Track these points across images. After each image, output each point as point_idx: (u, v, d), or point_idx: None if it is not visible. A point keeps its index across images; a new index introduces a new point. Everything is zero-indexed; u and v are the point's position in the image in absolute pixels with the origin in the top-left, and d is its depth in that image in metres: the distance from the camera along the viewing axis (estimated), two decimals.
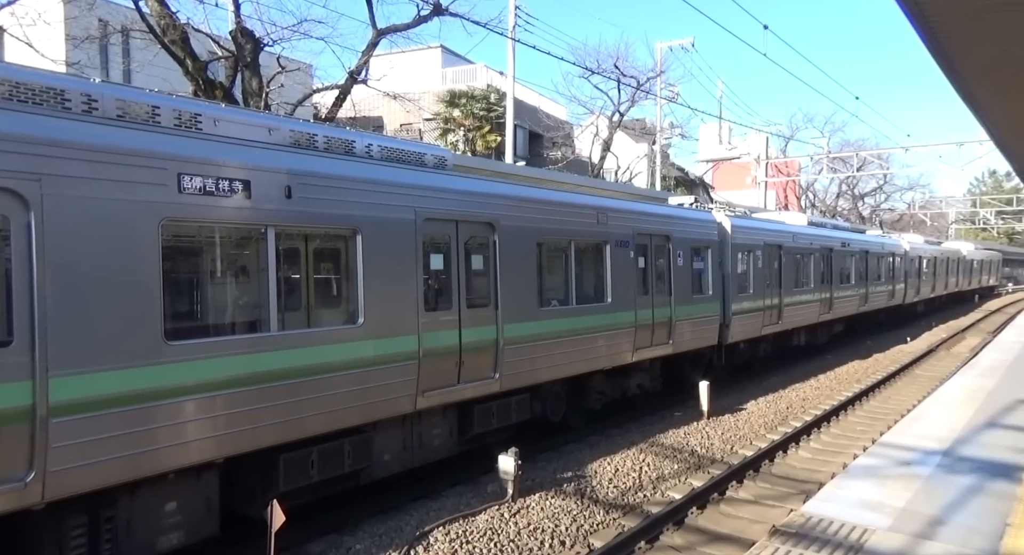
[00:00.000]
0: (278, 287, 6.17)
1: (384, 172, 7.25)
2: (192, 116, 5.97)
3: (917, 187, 62.87)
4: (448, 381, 7.75)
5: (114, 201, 5.01)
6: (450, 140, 28.67)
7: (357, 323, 6.76)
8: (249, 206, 5.87)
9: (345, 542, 6.61)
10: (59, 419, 4.63)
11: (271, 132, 6.58)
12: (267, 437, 5.98)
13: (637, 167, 35.62)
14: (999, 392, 11.45)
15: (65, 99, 5.21)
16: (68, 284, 4.73)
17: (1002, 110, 9.42)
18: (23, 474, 4.47)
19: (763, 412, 12.43)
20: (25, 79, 5.05)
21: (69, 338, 4.71)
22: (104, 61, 20.26)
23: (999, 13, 5.67)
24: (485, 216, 8.30)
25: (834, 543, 5.33)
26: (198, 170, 5.50)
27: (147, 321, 5.14)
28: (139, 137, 5.33)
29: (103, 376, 4.89)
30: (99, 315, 4.89)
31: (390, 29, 16.41)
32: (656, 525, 7.16)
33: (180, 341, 5.38)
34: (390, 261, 7.07)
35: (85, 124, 5.10)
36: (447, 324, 7.75)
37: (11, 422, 4.42)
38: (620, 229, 10.61)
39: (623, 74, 29.63)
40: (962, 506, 6.18)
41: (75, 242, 4.78)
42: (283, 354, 6.07)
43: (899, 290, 26.76)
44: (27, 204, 4.55)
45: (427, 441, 7.89)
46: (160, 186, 5.28)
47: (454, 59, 33.81)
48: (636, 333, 10.86)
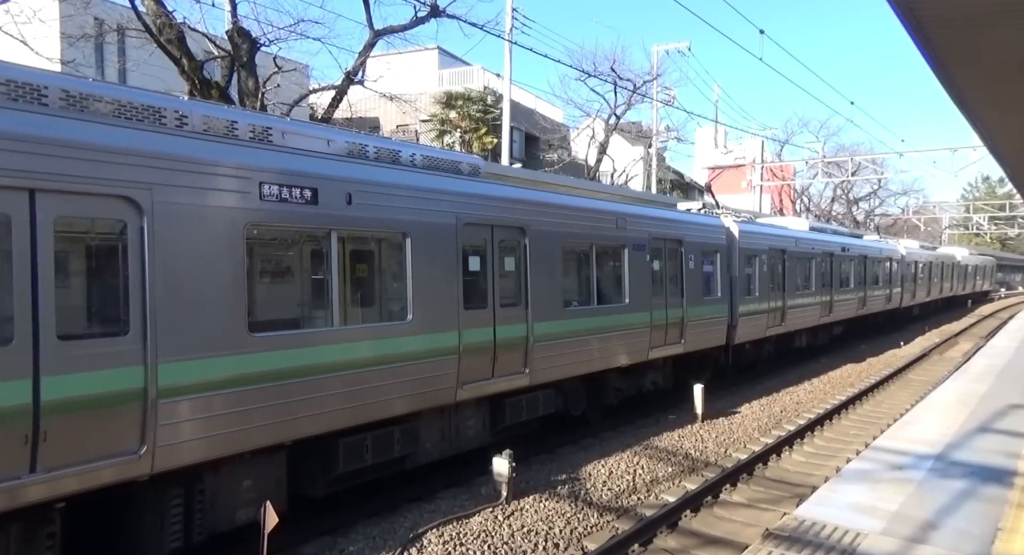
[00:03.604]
0: (340, 286, 6.75)
1: (429, 180, 7.85)
2: (264, 129, 6.57)
3: (911, 192, 63.16)
4: (484, 375, 8.28)
5: (208, 207, 5.67)
6: (446, 142, 28.66)
7: (406, 320, 7.35)
8: (316, 212, 6.49)
9: (339, 544, 6.60)
10: (165, 400, 5.28)
11: (329, 143, 7.16)
12: (329, 422, 6.54)
13: (633, 170, 35.68)
14: (991, 396, 11.51)
15: (161, 116, 5.79)
16: (172, 281, 5.36)
17: (995, 116, 9.48)
18: (137, 447, 5.15)
19: (757, 415, 12.46)
20: (129, 98, 5.65)
21: (173, 329, 5.35)
22: (99, 60, 20.17)
23: (994, 20, 5.71)
24: (517, 221, 8.86)
25: (827, 547, 5.35)
26: (275, 180, 6.16)
27: (235, 315, 5.79)
28: (228, 150, 6.00)
29: (200, 363, 5.53)
30: (196, 309, 5.52)
31: (387, 30, 16.40)
32: (650, 528, 7.16)
33: (261, 333, 6.02)
34: (435, 263, 7.66)
35: (184, 139, 5.76)
36: (483, 322, 8.29)
37: (128, 402, 5.09)
38: (637, 234, 11.16)
39: (619, 77, 29.70)
40: (954, 510, 6.21)
41: (177, 244, 5.42)
42: (344, 347, 6.67)
43: (896, 294, 27.21)
44: (141, 210, 5.21)
45: (463, 431, 8.47)
46: (245, 194, 5.92)
47: (451, 61, 33.81)
48: (651, 333, 11.36)
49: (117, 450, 5.03)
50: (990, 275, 55.47)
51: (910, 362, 19.21)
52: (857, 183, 52.11)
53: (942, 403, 11.07)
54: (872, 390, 15.23)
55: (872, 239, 28.49)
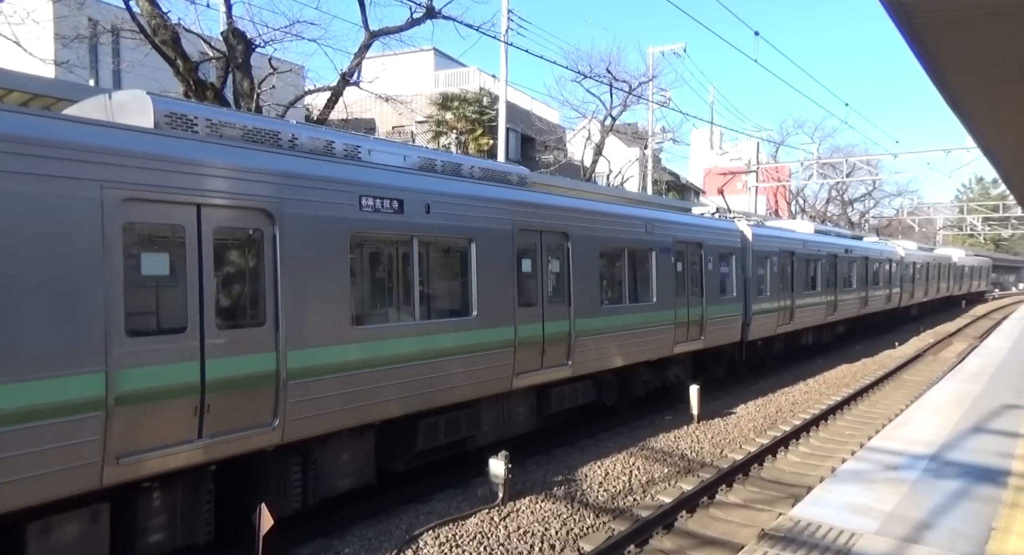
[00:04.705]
0: (420, 285, 7.65)
1: (490, 190, 8.73)
2: (354, 147, 7.42)
3: (906, 193, 63.35)
4: (534, 366, 9.13)
5: (322, 217, 6.56)
6: (442, 143, 28.64)
7: (471, 315, 8.18)
8: (402, 220, 7.37)
9: (334, 546, 6.59)
10: (293, 381, 6.15)
11: (405, 158, 8.00)
12: (410, 405, 7.43)
13: (629, 171, 35.71)
14: (985, 397, 11.56)
15: (278, 138, 6.70)
16: (295, 281, 6.25)
17: (989, 118, 9.52)
18: (271, 421, 6.05)
19: (753, 416, 12.49)
20: (254, 124, 6.62)
21: (297, 321, 6.24)
22: (94, 61, 20.10)
23: (987, 22, 5.74)
24: (561, 227, 9.71)
25: (822, 547, 5.36)
26: (371, 192, 7.04)
27: (342, 310, 6.70)
28: (336, 168, 6.91)
29: (317, 351, 6.41)
30: (313, 304, 6.41)
31: (383, 31, 16.39)
32: (646, 529, 7.18)
33: (360, 326, 6.93)
34: (495, 264, 8.53)
35: (303, 159, 6.65)
36: (534, 318, 9.14)
37: (266, 382, 6.00)
38: (663, 238, 12.03)
39: (615, 78, 29.75)
40: (948, 510, 6.24)
41: (299, 249, 6.32)
42: (423, 339, 7.55)
43: (895, 294, 27.85)
44: (273, 220, 6.13)
45: (514, 417, 9.34)
46: (349, 205, 6.81)
47: (447, 62, 33.79)
48: (675, 329, 12.26)
49: (258, 422, 5.96)
50: (986, 276, 55.90)
51: (905, 362, 19.28)
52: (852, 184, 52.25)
53: (936, 403, 11.12)
54: (867, 391, 15.28)
55: (872, 241, 29.04)
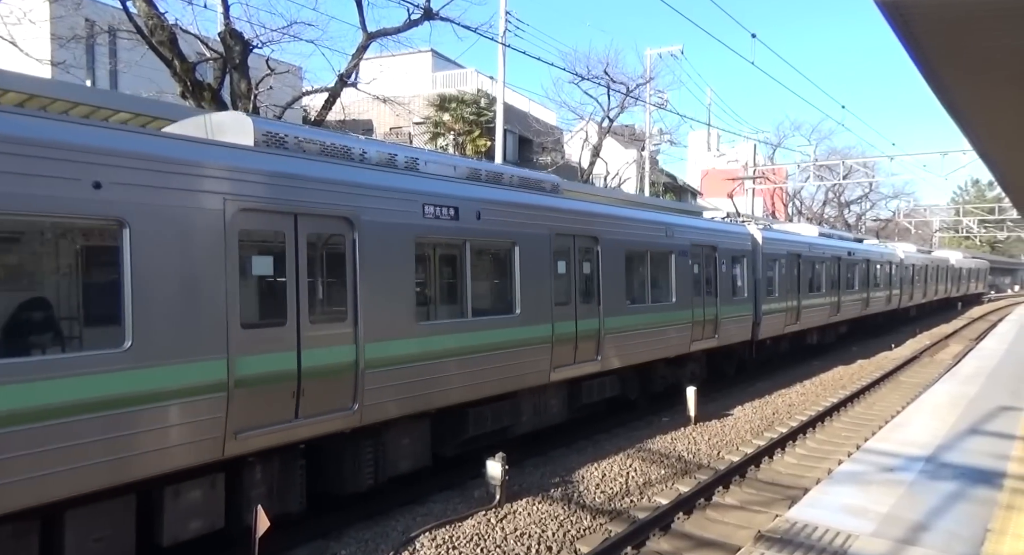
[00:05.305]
0: (471, 285, 8.23)
1: (530, 198, 9.36)
2: (413, 160, 8.05)
3: (902, 195, 63.60)
4: (568, 361, 9.73)
5: (392, 224, 7.20)
6: (440, 144, 28.64)
7: (514, 313, 8.81)
8: (457, 226, 8.00)
9: (331, 548, 6.58)
10: (369, 370, 6.83)
11: (455, 169, 8.63)
12: (462, 395, 8.07)
13: (626, 173, 35.76)
14: (981, 399, 11.59)
15: (350, 152, 7.34)
16: (370, 280, 6.91)
17: (985, 121, 9.54)
18: (352, 405, 6.74)
19: (749, 417, 12.50)
20: (331, 141, 7.24)
21: (372, 317, 6.86)
22: (90, 61, 20.06)
23: (984, 24, 5.74)
24: (592, 231, 10.34)
25: (818, 548, 5.37)
26: (431, 201, 7.67)
27: (408, 307, 7.36)
28: (402, 179, 7.57)
29: (388, 344, 7.08)
30: (384, 302, 7.06)
31: (380, 32, 16.41)
32: (643, 530, 7.18)
33: (422, 322, 7.55)
34: (534, 266, 9.13)
35: (375, 171, 7.31)
36: (568, 316, 9.73)
37: (348, 371, 6.68)
38: (681, 241, 12.68)
39: (613, 80, 29.81)
40: (944, 512, 6.25)
41: (374, 252, 6.98)
42: (473, 335, 8.18)
43: (895, 295, 28.44)
44: (353, 227, 6.79)
45: (549, 408, 9.97)
46: (414, 213, 7.45)
47: (444, 63, 33.80)
48: (693, 328, 12.87)
49: (341, 406, 6.66)
50: (983, 278, 56.27)
51: (901, 364, 19.31)
52: (848, 186, 52.42)
53: (932, 405, 11.14)
54: (863, 392, 15.31)
55: (873, 243, 29.76)
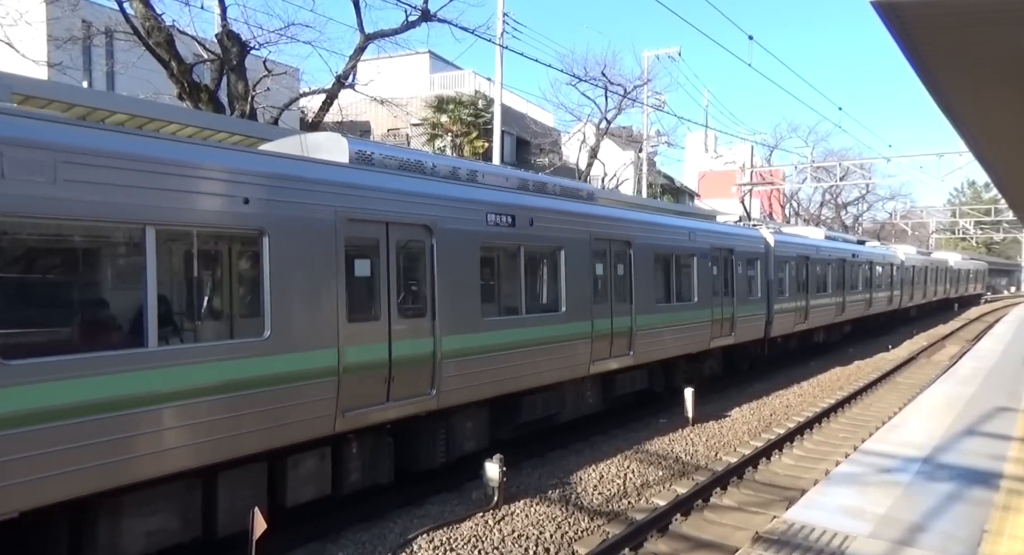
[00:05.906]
0: (525, 285, 9.12)
1: (573, 205, 10.19)
2: (473, 172, 8.90)
3: (898, 197, 63.78)
4: (604, 355, 10.49)
5: (462, 231, 8.05)
6: (437, 146, 28.62)
7: (561, 311, 9.63)
8: (514, 232, 8.84)
9: (328, 550, 6.56)
10: (445, 360, 7.70)
11: (507, 180, 9.50)
12: (517, 385, 8.88)
13: (624, 174, 35.77)
14: (978, 399, 11.61)
15: (423, 166, 8.13)
16: (445, 280, 7.75)
17: (981, 122, 9.56)
18: (430, 391, 7.61)
19: (747, 419, 12.51)
20: (406, 157, 8.02)
21: (447, 313, 7.74)
22: (87, 62, 20.02)
23: (980, 27, 5.76)
24: (626, 236, 11.13)
25: (816, 550, 5.37)
26: (492, 210, 8.52)
27: (474, 304, 8.18)
28: (469, 190, 8.42)
29: (459, 337, 7.93)
30: (456, 300, 7.89)
31: (378, 34, 16.41)
32: (640, 532, 7.18)
33: (486, 318, 8.36)
34: (577, 268, 9.92)
35: (448, 184, 8.14)
36: (604, 313, 10.47)
37: (427, 362, 7.55)
38: (702, 245, 13.49)
39: (610, 82, 29.81)
40: (941, 513, 6.25)
41: (448, 256, 7.81)
42: (527, 330, 9.00)
43: (896, 296, 29.36)
44: (431, 233, 7.65)
45: (586, 399, 10.73)
46: (479, 221, 8.31)
47: (442, 65, 33.79)
48: (712, 326, 13.66)
49: (422, 391, 7.52)
50: (981, 279, 56.64)
51: (898, 365, 19.35)
52: (845, 188, 52.52)
53: (930, 406, 11.16)
54: (861, 393, 15.33)
55: (875, 245, 30.50)
